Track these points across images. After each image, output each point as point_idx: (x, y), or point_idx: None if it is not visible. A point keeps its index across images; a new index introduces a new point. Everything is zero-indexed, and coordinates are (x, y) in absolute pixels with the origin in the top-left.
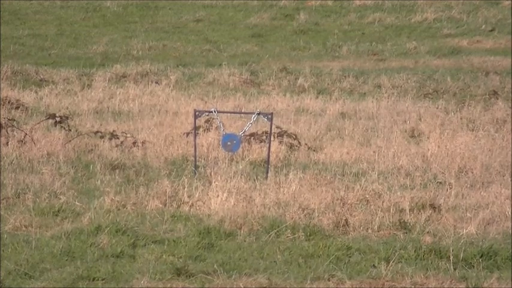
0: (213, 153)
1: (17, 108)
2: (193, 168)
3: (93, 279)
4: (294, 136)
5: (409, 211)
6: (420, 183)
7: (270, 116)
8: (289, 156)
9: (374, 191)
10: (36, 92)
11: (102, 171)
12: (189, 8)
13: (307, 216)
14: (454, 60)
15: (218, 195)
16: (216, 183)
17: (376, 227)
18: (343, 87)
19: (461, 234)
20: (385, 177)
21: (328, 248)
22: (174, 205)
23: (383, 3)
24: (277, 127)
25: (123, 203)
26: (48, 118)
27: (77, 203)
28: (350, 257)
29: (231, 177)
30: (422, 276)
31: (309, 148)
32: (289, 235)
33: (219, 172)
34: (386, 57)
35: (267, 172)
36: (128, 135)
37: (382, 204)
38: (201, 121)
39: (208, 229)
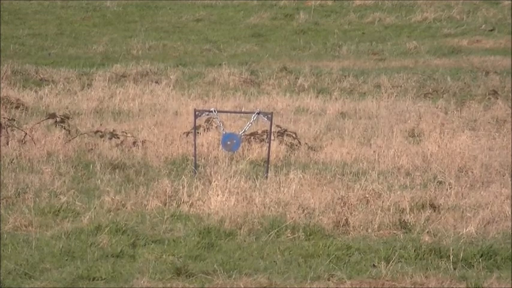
0: (213, 153)
1: (17, 107)
2: (193, 168)
3: (93, 279)
4: (294, 136)
5: (409, 211)
6: (420, 183)
7: (270, 116)
8: (289, 155)
9: (374, 190)
10: (36, 92)
11: (102, 171)
12: (189, 7)
13: (307, 216)
14: (454, 59)
15: (218, 195)
16: (216, 182)
17: (376, 226)
18: (343, 87)
19: (461, 234)
20: (385, 177)
21: (328, 247)
22: (174, 205)
23: (383, 3)
24: (277, 126)
25: (123, 202)
26: (49, 118)
27: (77, 202)
28: (350, 256)
29: (231, 177)
30: (422, 275)
31: (309, 148)
32: (289, 235)
33: (219, 172)
34: (386, 57)
35: (267, 172)
36: (128, 134)
37: (382, 204)
38: (201, 121)
39: (208, 229)
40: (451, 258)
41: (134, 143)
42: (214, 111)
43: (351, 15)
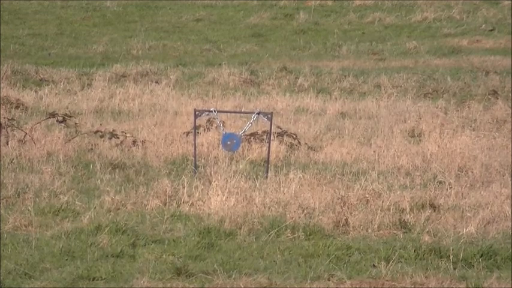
0: (213, 153)
1: (17, 107)
2: (193, 168)
3: (93, 279)
4: (294, 136)
5: (409, 211)
6: (420, 183)
7: (269, 116)
8: (289, 155)
9: (374, 190)
10: (36, 92)
11: (102, 171)
12: (189, 7)
13: (307, 216)
14: (454, 59)
15: (218, 195)
16: (216, 182)
17: (376, 226)
18: (343, 87)
19: (461, 233)
20: (385, 176)
21: (328, 247)
22: (174, 204)
23: (383, 3)
24: (277, 127)
25: (123, 202)
26: (49, 117)
27: (77, 202)
28: (350, 256)
29: (231, 177)
30: (422, 275)
31: (309, 148)
32: (289, 235)
33: (219, 172)
34: (386, 57)
35: (267, 172)
36: (128, 134)
37: (382, 204)
38: (201, 121)
39: (208, 229)
40: (451, 258)
41: (134, 142)
42: (214, 111)
43: (351, 15)
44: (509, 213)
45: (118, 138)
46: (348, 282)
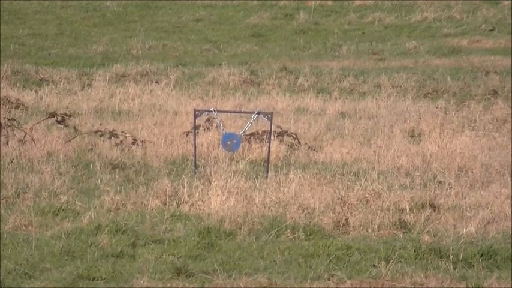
0: (213, 153)
1: (17, 107)
2: (193, 168)
3: (93, 279)
4: (294, 136)
5: (409, 211)
6: (420, 183)
7: (269, 116)
8: (289, 155)
9: (374, 190)
10: (36, 92)
11: (102, 171)
12: (189, 7)
13: (307, 216)
14: (454, 59)
15: (218, 195)
16: (216, 182)
17: (376, 226)
18: (343, 87)
19: (461, 233)
20: (385, 177)
21: (328, 247)
22: (174, 204)
23: (383, 3)
24: (277, 126)
25: (123, 202)
26: (49, 117)
27: (76, 202)
28: (350, 256)
29: (231, 177)
30: (422, 275)
31: (309, 148)
32: (289, 235)
33: (219, 171)
34: (386, 57)
35: (267, 171)
36: (128, 134)
37: (382, 204)
38: (201, 120)
39: (208, 229)
40: (451, 258)
41: (134, 142)
42: (214, 111)
43: (351, 15)
44: (509, 213)
45: (118, 138)
46: (348, 282)
